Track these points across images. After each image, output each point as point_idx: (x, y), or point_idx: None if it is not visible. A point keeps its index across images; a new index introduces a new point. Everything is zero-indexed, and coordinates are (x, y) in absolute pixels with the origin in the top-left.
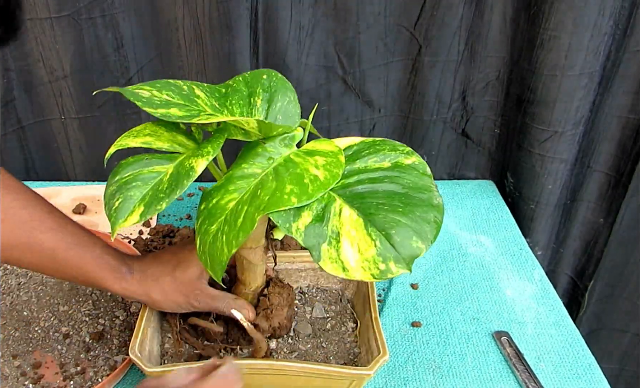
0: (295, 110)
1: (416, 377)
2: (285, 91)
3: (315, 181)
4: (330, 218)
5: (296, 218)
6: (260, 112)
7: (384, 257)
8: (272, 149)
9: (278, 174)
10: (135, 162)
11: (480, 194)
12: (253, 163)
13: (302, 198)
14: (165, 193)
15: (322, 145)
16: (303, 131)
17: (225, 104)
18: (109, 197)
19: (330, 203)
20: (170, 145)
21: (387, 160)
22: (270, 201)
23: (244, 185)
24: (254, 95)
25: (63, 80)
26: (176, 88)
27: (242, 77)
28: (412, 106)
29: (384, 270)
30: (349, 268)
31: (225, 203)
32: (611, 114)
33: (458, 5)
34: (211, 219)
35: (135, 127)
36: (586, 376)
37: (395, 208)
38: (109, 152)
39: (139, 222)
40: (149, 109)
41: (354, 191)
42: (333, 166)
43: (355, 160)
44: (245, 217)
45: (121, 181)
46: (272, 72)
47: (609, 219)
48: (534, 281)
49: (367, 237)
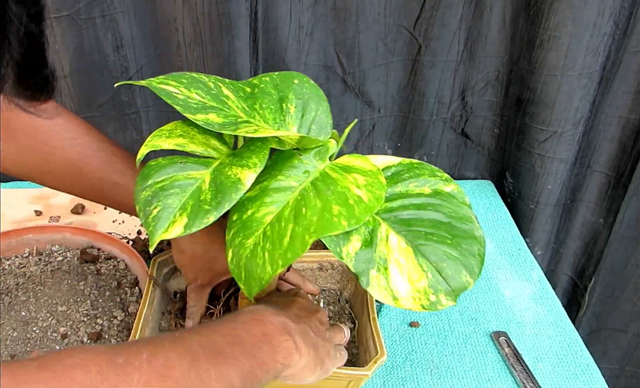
0: (328, 121)
1: (414, 377)
2: (318, 100)
3: (360, 203)
4: (377, 243)
5: (346, 243)
6: (294, 121)
7: (435, 289)
8: (307, 161)
9: (318, 190)
10: (169, 166)
11: (478, 194)
12: (289, 175)
13: (351, 221)
14: (211, 205)
15: (357, 161)
16: (336, 143)
17: (255, 107)
18: (144, 203)
19: (376, 228)
20: (205, 149)
21: (427, 185)
22: (320, 223)
23: (280, 199)
24: (285, 101)
25: (63, 80)
26: (203, 85)
27: (269, 78)
28: (412, 106)
29: (435, 302)
30: (399, 298)
31: (261, 216)
32: (611, 114)
33: (458, 5)
34: (246, 232)
35: (166, 126)
36: (584, 376)
37: (444, 240)
38: (142, 152)
39: (184, 234)
40: (189, 115)
41: (398, 216)
42: (375, 187)
43: (396, 183)
44: (293, 237)
45: (156, 186)
46: (303, 77)
47: (609, 219)
48: (532, 281)
49: (418, 267)
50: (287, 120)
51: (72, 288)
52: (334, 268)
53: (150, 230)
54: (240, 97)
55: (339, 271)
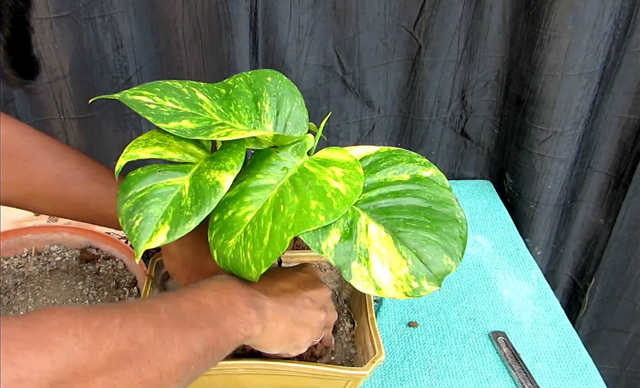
0: (303, 116)
1: (412, 377)
2: (292, 96)
3: (338, 196)
4: (357, 235)
5: (325, 237)
6: (270, 119)
7: (416, 275)
8: (284, 158)
9: (296, 186)
10: (148, 175)
11: (477, 194)
12: (268, 173)
13: (329, 215)
14: (192, 210)
15: (336, 154)
16: (313, 138)
17: (230, 107)
18: (126, 215)
19: (355, 219)
20: (182, 155)
21: (405, 172)
22: (297, 220)
23: (260, 197)
24: (260, 100)
25: (62, 80)
26: (177, 91)
27: (243, 78)
28: (412, 106)
29: (417, 288)
30: (381, 287)
31: (242, 216)
32: (611, 114)
33: (457, 5)
34: (228, 232)
35: (141, 136)
36: (583, 376)
37: (423, 225)
38: (120, 164)
39: (167, 242)
40: (161, 124)
41: (377, 206)
42: (353, 178)
43: (374, 172)
44: (272, 236)
45: (137, 197)
46: (276, 74)
47: (609, 220)
48: (531, 281)
49: (397, 255)
50: (263, 118)
51: (70, 288)
52: (332, 268)
53: (134, 242)
54: (215, 99)
55: (337, 271)
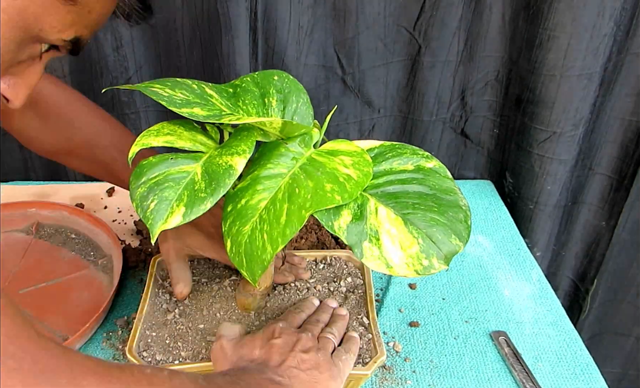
0: (309, 112)
1: (414, 377)
2: (298, 93)
3: (350, 180)
4: (367, 217)
5: (337, 217)
6: (277, 113)
7: (427, 253)
8: (293, 148)
9: (308, 173)
10: (160, 162)
11: (478, 193)
12: (278, 163)
13: (344, 196)
14: (207, 192)
15: (342, 145)
16: (319, 132)
17: (238, 103)
18: (141, 199)
19: (364, 203)
20: (193, 144)
21: (410, 163)
22: (314, 199)
23: (272, 185)
24: (267, 96)
25: (62, 80)
26: (187, 86)
27: (250, 78)
28: (412, 106)
29: (428, 266)
30: (393, 265)
31: (255, 203)
32: (613, 116)
33: (457, 5)
34: (242, 220)
35: (152, 127)
36: (584, 376)
37: (431, 208)
38: (133, 151)
39: (182, 222)
40: (173, 108)
41: (385, 191)
42: (362, 165)
43: (380, 162)
44: (289, 215)
45: (151, 182)
46: (282, 73)
47: (610, 222)
48: (532, 281)
49: (408, 234)
50: (270, 113)
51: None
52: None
53: (149, 224)
54: (223, 96)
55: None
